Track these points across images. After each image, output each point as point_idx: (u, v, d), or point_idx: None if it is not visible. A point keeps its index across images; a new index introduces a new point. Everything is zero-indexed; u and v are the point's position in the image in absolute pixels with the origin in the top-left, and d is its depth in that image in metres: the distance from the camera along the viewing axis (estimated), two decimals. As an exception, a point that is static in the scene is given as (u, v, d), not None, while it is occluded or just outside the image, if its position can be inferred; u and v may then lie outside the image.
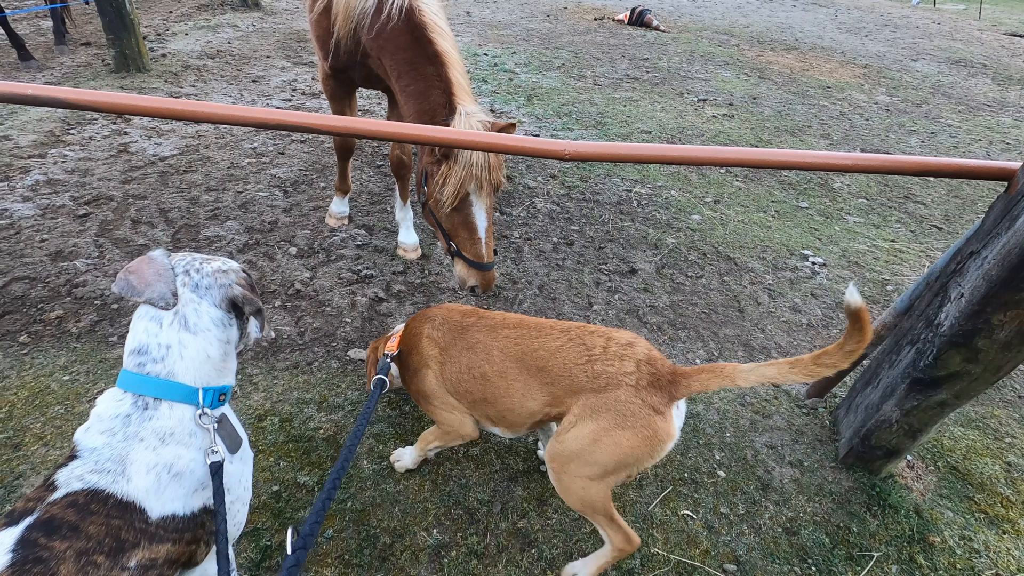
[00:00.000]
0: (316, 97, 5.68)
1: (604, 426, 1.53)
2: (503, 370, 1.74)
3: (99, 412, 1.18)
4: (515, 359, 1.72)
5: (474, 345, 1.81)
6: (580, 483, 1.63)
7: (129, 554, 1.04)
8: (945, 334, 1.89)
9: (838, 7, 14.52)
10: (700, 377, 1.54)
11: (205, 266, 1.29)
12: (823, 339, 3.16)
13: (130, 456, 1.12)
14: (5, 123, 4.55)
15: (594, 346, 1.62)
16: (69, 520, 1.01)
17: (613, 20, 10.33)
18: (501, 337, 1.77)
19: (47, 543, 0.98)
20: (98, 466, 1.10)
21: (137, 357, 1.19)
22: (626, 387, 1.52)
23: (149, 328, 1.20)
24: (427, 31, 2.46)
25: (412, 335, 1.96)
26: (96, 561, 1.00)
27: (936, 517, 2.21)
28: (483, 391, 1.79)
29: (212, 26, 7.63)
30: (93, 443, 1.13)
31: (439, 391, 1.89)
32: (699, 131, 5.76)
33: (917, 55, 9.94)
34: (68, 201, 3.64)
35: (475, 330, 1.84)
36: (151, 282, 1.19)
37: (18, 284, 2.94)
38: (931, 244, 4.20)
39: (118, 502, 1.07)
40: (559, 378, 1.63)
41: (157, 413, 1.18)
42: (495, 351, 1.76)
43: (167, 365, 1.20)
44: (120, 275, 1.21)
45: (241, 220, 3.62)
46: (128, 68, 5.67)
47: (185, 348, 1.21)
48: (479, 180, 2.31)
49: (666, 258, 3.70)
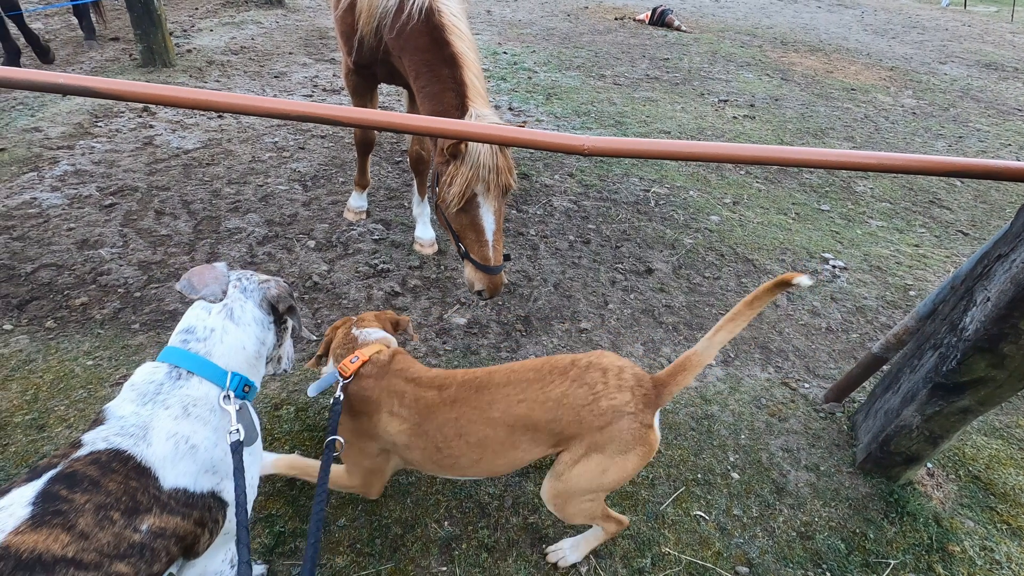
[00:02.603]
0: (336, 93, 5.74)
1: (610, 456, 1.56)
2: (504, 435, 1.60)
3: (133, 380, 1.27)
4: (518, 417, 1.58)
5: (460, 416, 1.61)
6: (583, 507, 1.67)
7: (142, 517, 1.08)
8: (969, 339, 1.85)
9: (864, 8, 14.27)
10: (677, 379, 1.59)
11: (254, 277, 1.48)
12: (842, 343, 3.11)
13: (153, 423, 1.19)
14: (36, 115, 4.67)
15: (595, 383, 1.57)
16: (91, 475, 1.06)
17: (634, 20, 10.26)
18: (500, 396, 1.61)
19: (68, 495, 1.02)
20: (123, 430, 1.16)
21: (183, 335, 1.33)
22: (627, 416, 1.53)
23: (199, 314, 1.36)
24: (445, 32, 2.48)
25: (377, 386, 1.69)
26: (112, 517, 1.04)
27: (956, 526, 2.16)
28: (470, 456, 1.64)
29: (236, 22, 7.75)
30: (121, 410, 1.20)
31: (376, 451, 1.72)
32: (719, 132, 5.70)
33: (945, 58, 9.73)
34: (95, 191, 3.72)
35: (456, 405, 1.63)
36: (208, 283, 1.38)
37: (46, 271, 3.01)
38: (956, 250, 4.10)
39: (137, 465, 1.12)
40: (569, 424, 1.56)
41: (188, 384, 1.27)
42: (494, 413, 1.60)
43: (208, 345, 1.32)
44: (184, 276, 1.39)
45: (261, 213, 3.67)
46: (154, 63, 5.78)
47: (227, 334, 1.35)
48: (486, 181, 2.31)
49: (683, 258, 3.67)
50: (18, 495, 1.01)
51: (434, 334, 2.89)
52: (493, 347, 2.85)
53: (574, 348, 2.89)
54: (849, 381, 2.59)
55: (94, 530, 1.01)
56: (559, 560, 1.90)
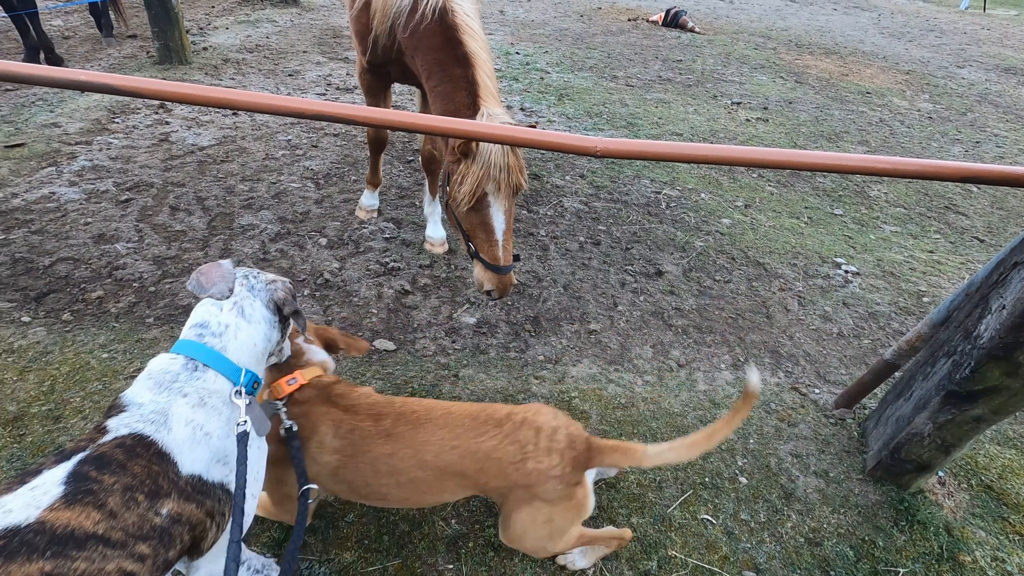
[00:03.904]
0: (350, 92, 5.77)
1: (539, 508, 1.60)
2: (433, 478, 1.60)
3: (151, 369, 1.30)
4: (449, 463, 1.57)
5: (395, 453, 1.58)
6: (549, 546, 1.69)
7: (163, 501, 1.12)
8: (984, 347, 1.83)
9: (881, 11, 14.12)
10: (612, 456, 1.63)
11: (261, 276, 1.51)
12: (854, 349, 3.08)
13: (172, 409, 1.22)
14: (55, 110, 4.74)
15: (526, 442, 1.57)
16: (118, 458, 1.10)
17: (647, 21, 10.23)
18: (435, 439, 1.58)
19: (98, 476, 1.06)
20: (143, 417, 1.20)
21: (198, 329, 1.36)
22: (552, 479, 1.56)
23: (212, 310, 1.39)
24: (458, 32, 2.48)
25: (313, 412, 1.63)
26: (137, 499, 1.08)
27: (967, 536, 2.14)
28: (398, 494, 1.64)
29: (252, 21, 7.82)
30: (140, 398, 1.23)
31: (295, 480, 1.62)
32: (732, 134, 5.67)
33: (963, 62, 9.61)
34: (111, 187, 3.77)
35: (391, 440, 1.59)
36: (216, 281, 1.41)
37: (63, 264, 3.06)
38: (972, 256, 4.06)
39: (159, 450, 1.16)
40: (494, 478, 1.58)
41: (204, 376, 1.30)
42: (427, 455, 1.57)
43: (223, 340, 1.36)
44: (194, 275, 1.42)
45: (274, 210, 3.70)
46: (171, 60, 5.85)
47: (240, 331, 1.39)
48: (497, 181, 2.31)
49: (694, 261, 3.66)
50: (50, 475, 1.04)
51: (443, 333, 2.90)
52: (502, 347, 2.86)
53: (583, 349, 2.89)
54: (860, 387, 2.57)
55: (121, 510, 1.05)
56: (568, 563, 1.90)
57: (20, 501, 0.99)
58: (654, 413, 2.56)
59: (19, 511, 0.97)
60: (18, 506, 0.98)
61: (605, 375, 2.75)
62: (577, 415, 2.50)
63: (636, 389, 2.68)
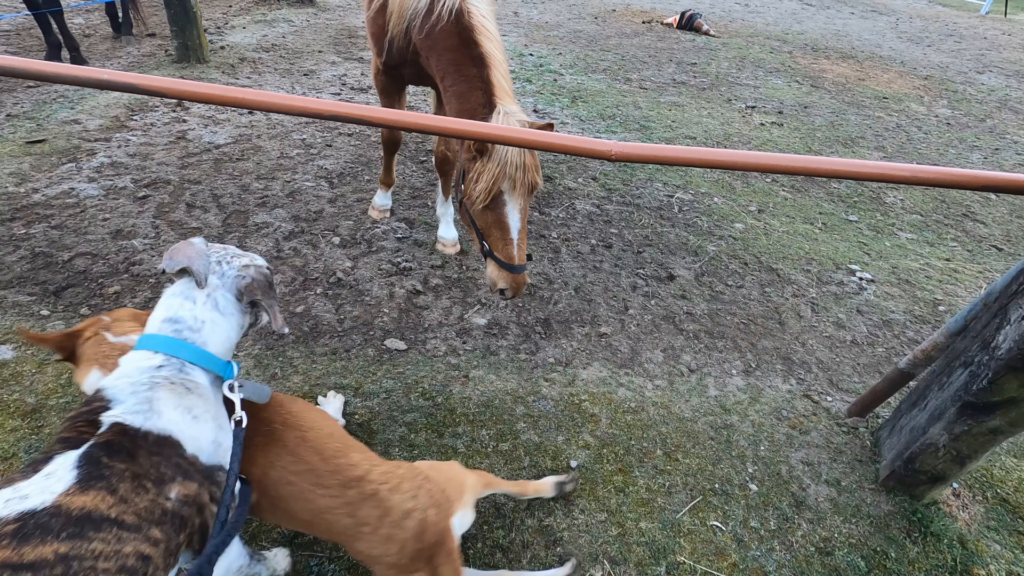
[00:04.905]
0: (365, 92, 5.81)
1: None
2: (278, 502, 1.46)
3: (128, 368, 1.26)
4: (286, 496, 1.43)
5: (257, 459, 1.44)
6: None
7: (170, 485, 1.13)
8: (1002, 357, 1.81)
9: (899, 15, 13.96)
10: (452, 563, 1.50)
11: (235, 260, 1.42)
12: (867, 357, 3.05)
13: (158, 397, 1.21)
14: (76, 107, 4.82)
15: (365, 522, 1.42)
16: (126, 446, 1.12)
17: (662, 24, 10.19)
18: (280, 461, 1.43)
19: (109, 462, 1.07)
20: (131, 408, 1.18)
21: (173, 324, 1.32)
22: (384, 566, 1.44)
23: (184, 304, 1.34)
24: (474, 33, 2.49)
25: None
26: (146, 486, 1.10)
27: (982, 549, 2.11)
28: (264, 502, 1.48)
29: (268, 20, 7.89)
30: (122, 394, 1.21)
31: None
32: (746, 138, 5.63)
33: (983, 67, 9.48)
34: (129, 183, 3.82)
35: (268, 443, 1.45)
36: (192, 257, 1.34)
37: (81, 259, 3.11)
38: (990, 265, 4.00)
39: (157, 437, 1.17)
40: (324, 532, 1.47)
41: (187, 371, 1.29)
42: (271, 475, 1.43)
43: (202, 336, 1.33)
44: (166, 255, 1.35)
45: (288, 208, 3.73)
46: (189, 59, 5.92)
47: (216, 326, 1.35)
48: (513, 179, 2.31)
49: (706, 266, 3.64)
50: (62, 461, 1.06)
51: (454, 334, 2.91)
52: (512, 348, 2.86)
53: (593, 352, 2.89)
54: (874, 396, 2.54)
55: (132, 495, 1.06)
56: None
57: (36, 487, 1.00)
58: (664, 418, 2.55)
59: (35, 496, 0.99)
60: (34, 491, 0.99)
61: (615, 378, 2.74)
62: (587, 418, 2.49)
63: (646, 393, 2.68)
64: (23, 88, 5.02)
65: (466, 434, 2.35)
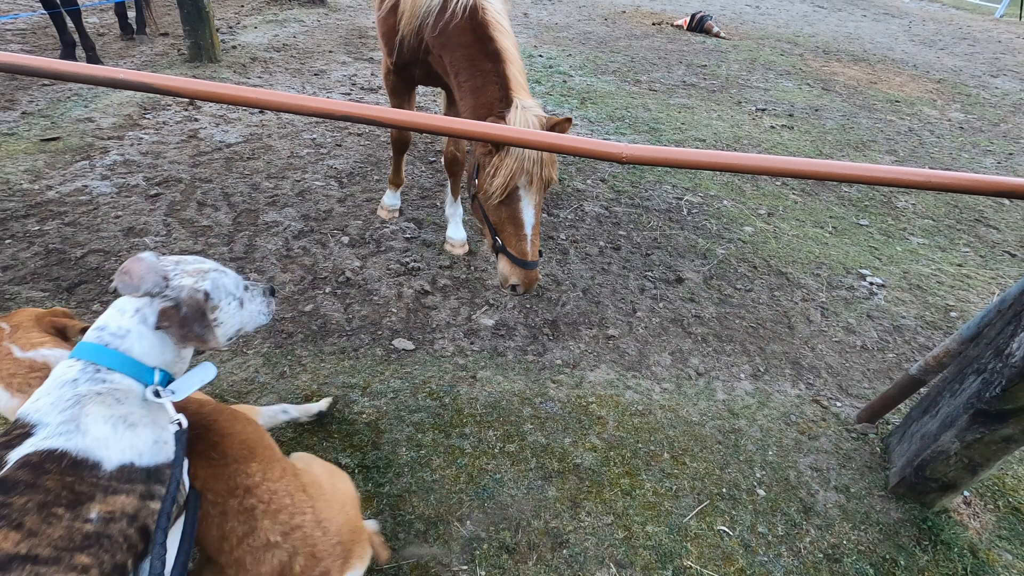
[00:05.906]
0: (375, 92, 5.83)
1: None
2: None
3: (48, 385, 1.22)
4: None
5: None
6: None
7: (88, 506, 1.08)
8: (1016, 365, 1.79)
9: (912, 18, 13.85)
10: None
11: (176, 280, 1.36)
12: (877, 362, 3.03)
13: (85, 412, 1.16)
14: (89, 105, 4.86)
15: (230, 536, 1.32)
16: (24, 479, 1.05)
17: (672, 25, 10.17)
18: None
19: (6, 499, 1.02)
20: (54, 431, 1.13)
21: (98, 332, 1.30)
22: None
23: (112, 314, 1.33)
24: (489, 29, 2.49)
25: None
26: (57, 512, 1.04)
27: (993, 559, 2.09)
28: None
29: (279, 20, 7.94)
30: (47, 417, 1.16)
31: None
32: (756, 141, 5.61)
33: (997, 71, 9.38)
34: (141, 181, 3.86)
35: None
36: (144, 276, 1.31)
37: (94, 256, 3.14)
38: (1003, 271, 3.96)
39: (72, 459, 1.11)
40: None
41: (111, 378, 1.25)
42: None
43: (127, 343, 1.29)
44: (117, 275, 1.32)
45: (298, 207, 3.75)
46: (201, 58, 5.96)
47: (142, 337, 1.31)
48: (530, 174, 2.30)
49: (715, 269, 3.63)
50: None
51: (462, 334, 2.92)
52: (520, 349, 2.86)
53: (601, 354, 2.88)
54: (884, 402, 2.52)
55: (41, 527, 1.01)
56: None
57: None
58: (671, 421, 2.54)
59: None
60: None
61: (623, 381, 2.74)
62: (594, 420, 2.49)
63: (654, 396, 2.67)
64: (38, 86, 5.08)
65: (473, 435, 2.35)
